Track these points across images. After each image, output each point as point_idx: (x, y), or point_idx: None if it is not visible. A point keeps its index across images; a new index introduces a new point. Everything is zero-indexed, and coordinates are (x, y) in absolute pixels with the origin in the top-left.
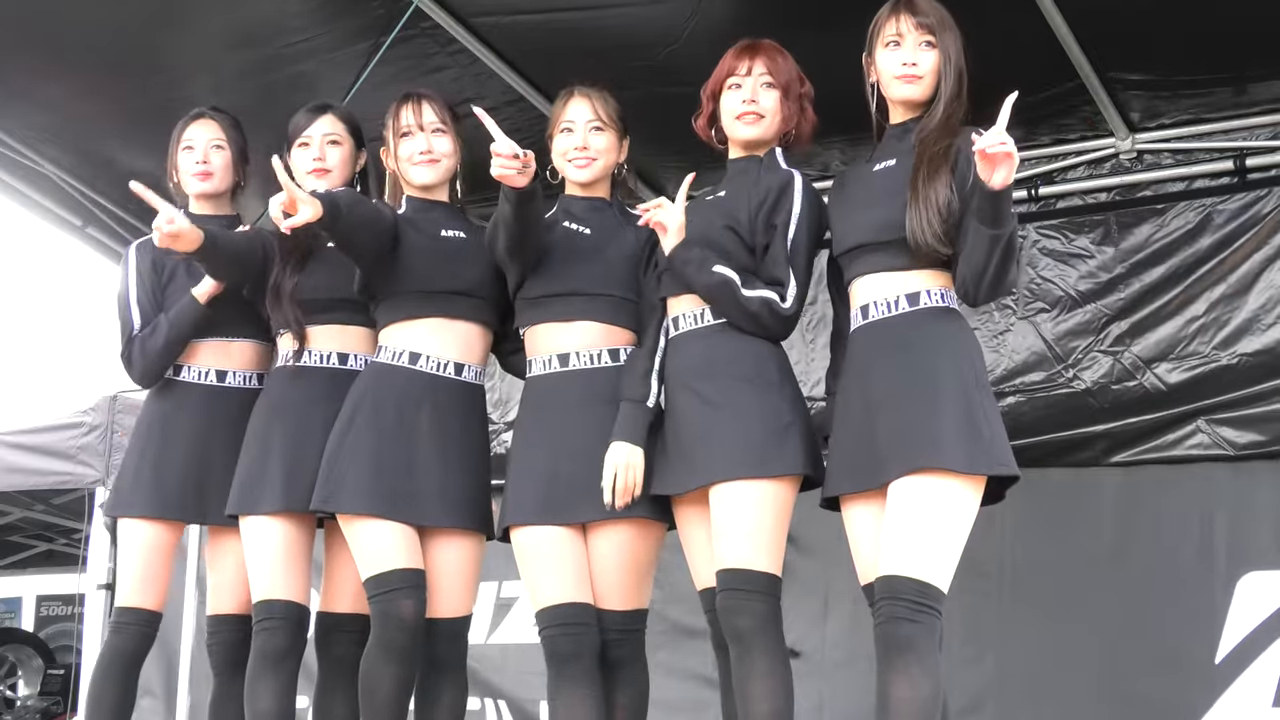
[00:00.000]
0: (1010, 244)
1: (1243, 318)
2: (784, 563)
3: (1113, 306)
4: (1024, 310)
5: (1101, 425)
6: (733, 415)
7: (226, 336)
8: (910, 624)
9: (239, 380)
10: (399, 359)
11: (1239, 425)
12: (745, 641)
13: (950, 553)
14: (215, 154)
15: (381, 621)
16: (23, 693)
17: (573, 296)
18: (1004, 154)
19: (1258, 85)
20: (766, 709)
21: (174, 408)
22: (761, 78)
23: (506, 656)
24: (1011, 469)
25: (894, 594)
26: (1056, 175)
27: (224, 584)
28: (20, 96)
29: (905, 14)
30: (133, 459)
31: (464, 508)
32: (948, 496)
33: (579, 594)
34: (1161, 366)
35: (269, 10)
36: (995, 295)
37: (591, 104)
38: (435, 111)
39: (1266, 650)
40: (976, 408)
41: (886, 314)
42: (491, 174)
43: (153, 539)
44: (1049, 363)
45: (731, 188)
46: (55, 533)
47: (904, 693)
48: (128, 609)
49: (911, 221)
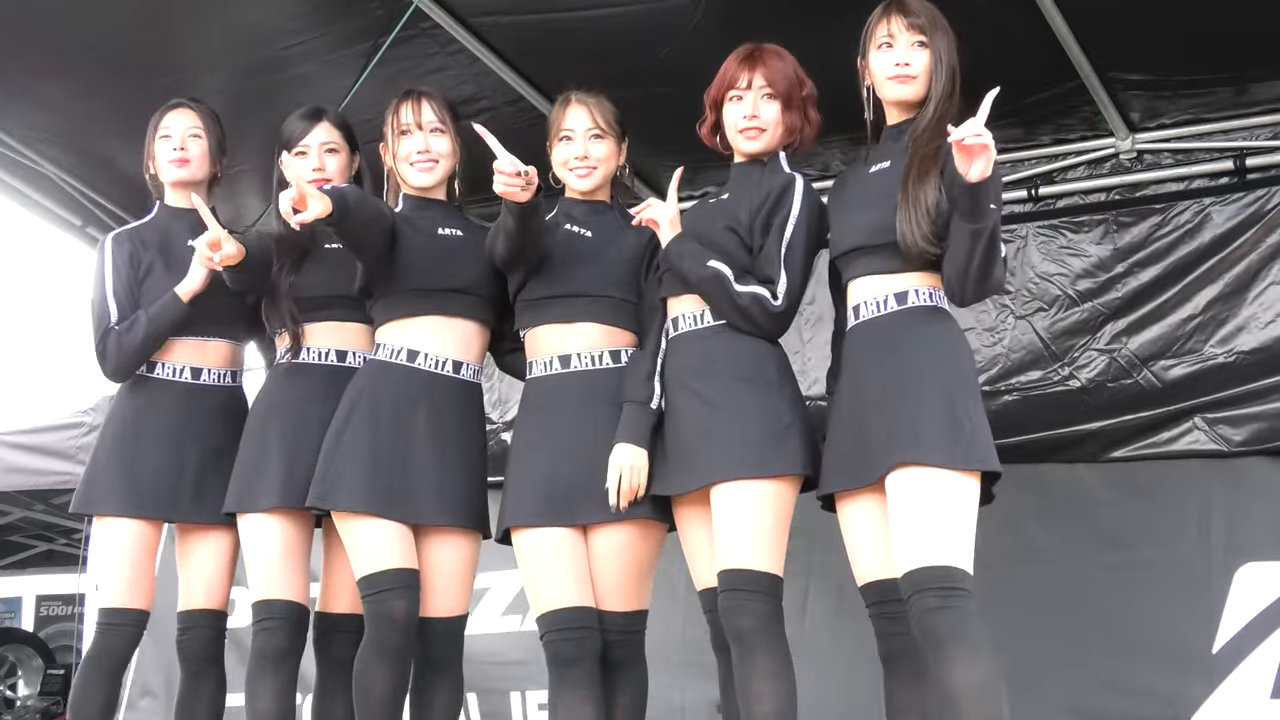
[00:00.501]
0: (992, 240)
1: (1240, 316)
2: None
3: (1110, 305)
4: (1021, 309)
5: (1097, 423)
6: (732, 416)
7: (202, 335)
8: (943, 612)
9: (214, 378)
10: (396, 357)
11: (1236, 422)
12: (747, 642)
13: (961, 534)
14: (193, 143)
15: (374, 621)
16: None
17: (574, 298)
18: (980, 146)
19: (1258, 85)
20: (769, 709)
21: (147, 405)
22: (762, 90)
23: (475, 648)
24: (992, 465)
25: (919, 587)
26: (1056, 175)
27: (194, 581)
28: (20, 96)
29: (896, 15)
30: (103, 455)
31: (460, 506)
32: (942, 486)
33: (580, 598)
34: (1158, 364)
35: (269, 11)
36: (982, 293)
37: (590, 112)
38: (435, 110)
39: (1265, 641)
40: (958, 405)
41: (876, 314)
42: (494, 190)
43: (135, 537)
44: (1045, 360)
45: (734, 190)
46: (55, 533)
47: (962, 680)
48: (115, 609)
49: (901, 224)
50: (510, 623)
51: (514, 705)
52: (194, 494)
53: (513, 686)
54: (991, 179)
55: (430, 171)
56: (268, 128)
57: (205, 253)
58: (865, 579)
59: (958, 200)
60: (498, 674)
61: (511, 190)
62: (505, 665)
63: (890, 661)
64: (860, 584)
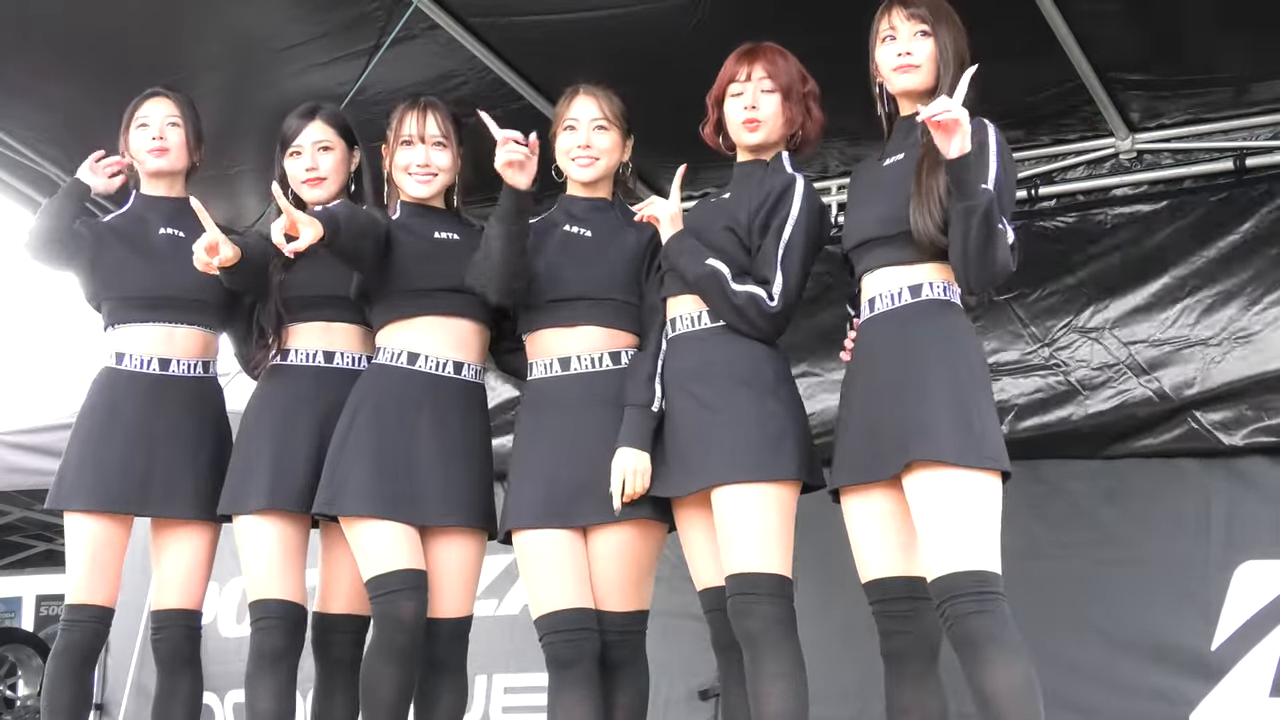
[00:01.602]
0: (986, 219)
1: (1238, 315)
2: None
3: (1108, 304)
4: (1024, 310)
5: (1095, 420)
6: (729, 419)
7: (169, 321)
8: (979, 616)
9: (184, 369)
10: (398, 359)
11: (1233, 421)
12: (756, 643)
13: (987, 535)
14: (171, 131)
15: (382, 623)
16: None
17: (576, 301)
18: (952, 120)
19: (1258, 85)
20: (776, 709)
21: (116, 399)
22: (761, 82)
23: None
24: (1003, 464)
25: (951, 593)
26: (1056, 175)
27: (166, 579)
28: (20, 96)
29: (897, 7)
30: (74, 450)
31: (466, 507)
32: (965, 488)
33: (579, 599)
34: (1156, 362)
35: (269, 10)
36: (987, 278)
37: (597, 102)
38: (439, 124)
39: (1264, 639)
40: (969, 401)
41: (890, 306)
42: (497, 166)
43: (99, 534)
44: (1043, 360)
45: (736, 190)
46: (55, 533)
47: (1000, 681)
48: (78, 606)
49: (915, 214)
50: (486, 606)
51: (479, 688)
52: (165, 488)
53: (480, 670)
54: (979, 158)
55: (428, 184)
56: (267, 128)
57: (203, 257)
58: (869, 576)
59: (949, 181)
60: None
61: (516, 157)
62: (474, 648)
63: (892, 660)
64: (864, 581)
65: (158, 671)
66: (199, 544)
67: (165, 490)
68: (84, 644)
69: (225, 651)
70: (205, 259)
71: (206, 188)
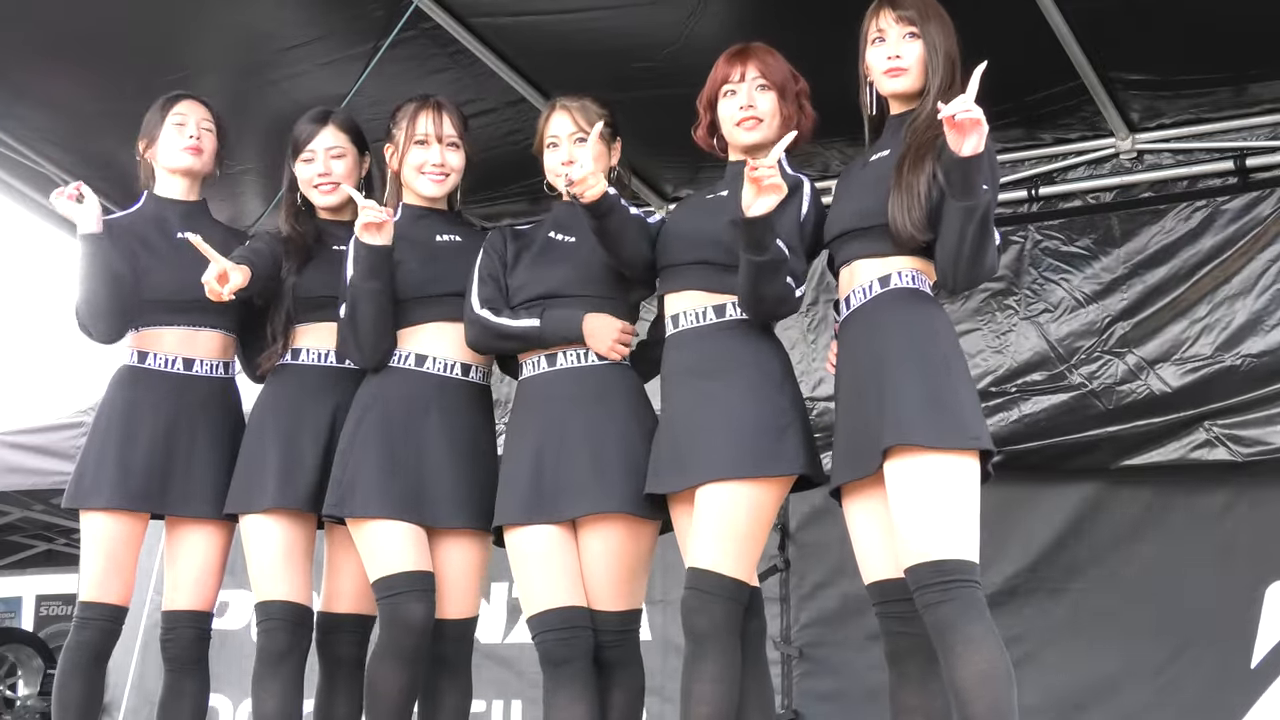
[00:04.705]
0: (984, 219)
1: (1246, 319)
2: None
3: (1115, 308)
4: (1026, 311)
5: (1108, 429)
6: (730, 414)
7: (194, 325)
8: (944, 605)
9: (206, 369)
10: (405, 362)
11: (1245, 429)
12: (701, 643)
13: (960, 522)
14: (207, 136)
15: (389, 625)
16: (23, 693)
17: (553, 299)
18: (972, 121)
19: (1258, 85)
20: (706, 712)
21: (138, 396)
22: (755, 81)
23: (523, 656)
24: (984, 443)
25: (919, 584)
26: (1057, 175)
27: (179, 579)
28: (20, 96)
29: (886, 9)
30: (94, 448)
31: (473, 508)
32: (937, 472)
33: (571, 597)
34: (1166, 369)
35: (269, 10)
36: (974, 278)
37: (572, 117)
38: (454, 124)
39: None
40: (942, 384)
41: (862, 300)
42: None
43: (118, 532)
44: (1052, 363)
45: (734, 188)
46: (55, 533)
47: (964, 670)
48: (92, 604)
49: (893, 207)
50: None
51: None
52: (183, 486)
53: None
54: (985, 158)
55: (441, 184)
56: (268, 128)
57: (215, 287)
58: (870, 578)
59: (949, 178)
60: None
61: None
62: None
63: (896, 661)
64: (866, 582)
65: (165, 671)
66: (213, 545)
67: (184, 490)
68: (97, 642)
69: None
70: (216, 289)
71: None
